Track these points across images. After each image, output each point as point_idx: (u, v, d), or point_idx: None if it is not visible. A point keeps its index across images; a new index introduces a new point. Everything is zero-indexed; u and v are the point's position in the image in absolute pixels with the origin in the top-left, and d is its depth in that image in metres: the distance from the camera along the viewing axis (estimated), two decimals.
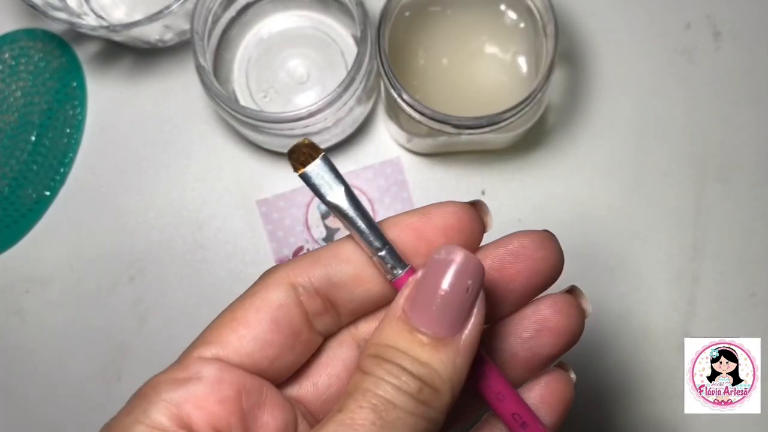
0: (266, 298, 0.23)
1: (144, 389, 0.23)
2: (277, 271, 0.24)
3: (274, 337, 0.23)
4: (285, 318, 0.23)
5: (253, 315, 0.23)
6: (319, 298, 0.24)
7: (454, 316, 0.21)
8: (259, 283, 0.24)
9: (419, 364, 0.21)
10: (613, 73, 0.44)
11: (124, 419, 0.22)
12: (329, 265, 0.24)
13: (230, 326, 0.23)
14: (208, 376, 0.22)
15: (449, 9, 0.40)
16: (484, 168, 0.43)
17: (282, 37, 0.43)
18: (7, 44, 0.45)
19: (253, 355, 0.23)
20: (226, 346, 0.23)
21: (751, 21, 0.44)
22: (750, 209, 0.42)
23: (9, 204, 0.44)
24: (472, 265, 0.22)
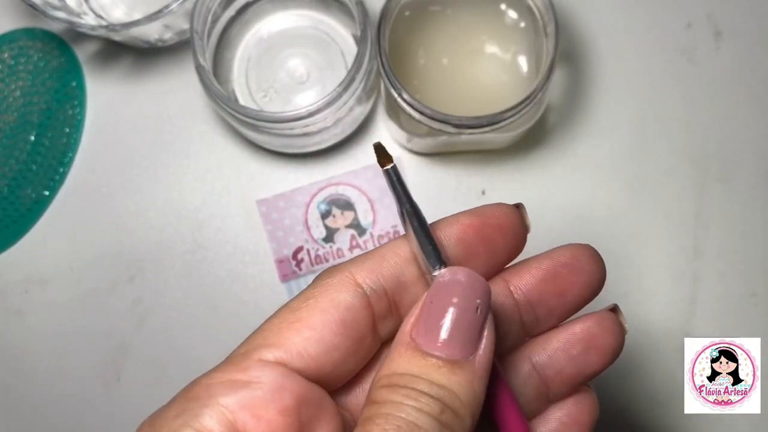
0: (333, 299, 0.22)
1: (195, 389, 0.21)
2: (341, 271, 0.23)
3: (341, 341, 0.22)
4: (353, 320, 0.22)
5: (319, 317, 0.22)
6: (386, 299, 0.23)
7: (466, 338, 0.21)
8: (323, 283, 0.22)
9: (437, 387, 0.20)
10: (613, 73, 0.44)
11: (173, 421, 0.20)
12: (396, 265, 0.23)
13: (294, 327, 0.21)
14: (269, 382, 0.20)
15: (449, 8, 0.40)
16: (484, 168, 0.43)
17: (282, 37, 0.43)
18: (6, 44, 0.45)
19: (318, 359, 0.21)
20: (289, 349, 0.21)
21: (752, 21, 0.44)
22: (750, 209, 0.42)
23: (8, 204, 0.44)
24: (478, 284, 0.21)
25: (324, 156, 0.43)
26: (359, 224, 0.42)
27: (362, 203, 0.42)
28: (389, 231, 0.42)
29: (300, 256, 0.42)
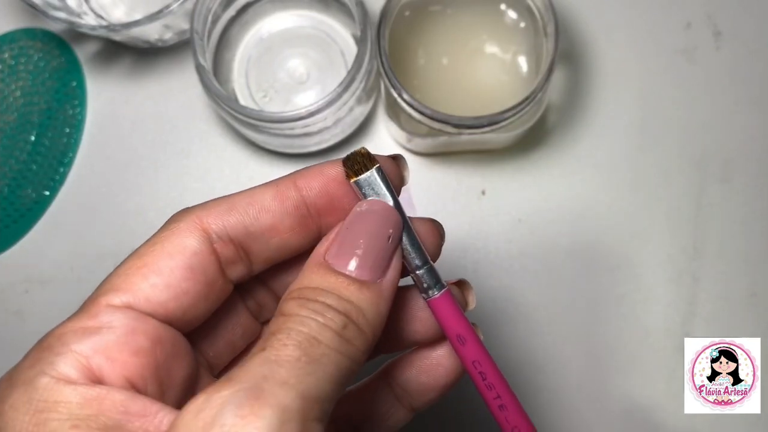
0: (179, 243, 0.22)
1: (48, 340, 0.21)
2: (188, 215, 0.23)
3: (189, 286, 0.22)
4: (200, 266, 0.22)
5: (166, 261, 0.22)
6: (233, 246, 0.23)
7: (376, 262, 0.22)
8: (170, 228, 0.23)
9: (345, 301, 0.21)
10: (613, 73, 0.44)
11: (27, 372, 0.20)
12: (246, 214, 0.23)
13: (141, 273, 0.22)
14: (121, 326, 0.21)
15: (449, 8, 0.40)
16: (484, 168, 0.43)
17: (282, 37, 0.43)
18: (6, 44, 0.45)
19: (166, 304, 0.22)
20: (137, 293, 0.21)
21: (752, 21, 0.44)
22: (750, 209, 0.42)
23: (8, 204, 0.44)
24: (392, 216, 0.23)
25: (324, 156, 0.43)
26: None
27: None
28: None
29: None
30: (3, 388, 0.20)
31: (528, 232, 0.42)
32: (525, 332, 0.41)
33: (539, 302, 0.41)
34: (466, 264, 0.41)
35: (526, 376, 0.41)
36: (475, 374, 0.24)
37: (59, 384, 0.19)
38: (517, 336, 0.41)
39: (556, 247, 0.42)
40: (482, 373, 0.24)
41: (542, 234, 0.42)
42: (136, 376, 0.20)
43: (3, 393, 0.20)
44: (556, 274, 0.42)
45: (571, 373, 0.41)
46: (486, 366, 0.24)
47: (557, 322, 0.41)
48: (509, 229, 0.42)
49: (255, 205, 0.23)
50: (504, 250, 0.42)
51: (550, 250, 0.42)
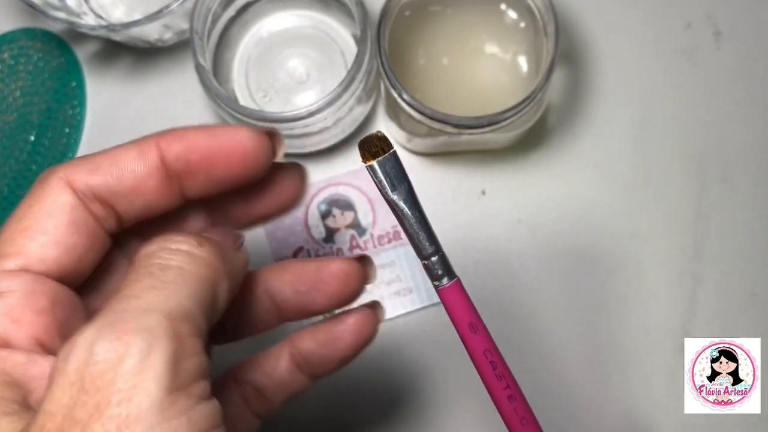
0: (55, 201, 0.22)
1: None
2: (53, 174, 0.23)
3: (76, 240, 0.22)
4: (81, 219, 0.23)
5: (48, 220, 0.22)
6: (99, 203, 0.23)
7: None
8: (40, 188, 0.23)
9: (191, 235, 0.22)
10: (613, 73, 0.44)
11: None
12: (109, 174, 0.23)
13: (26, 235, 0.22)
14: (20, 289, 0.21)
15: (449, 8, 0.40)
16: (484, 168, 0.43)
17: (282, 37, 0.43)
18: (6, 44, 0.45)
19: (58, 261, 0.22)
20: (29, 255, 0.22)
21: (752, 21, 0.44)
22: (750, 209, 0.42)
23: (8, 204, 0.44)
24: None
25: (324, 156, 0.43)
26: (359, 224, 0.42)
27: (362, 203, 0.42)
28: (389, 231, 0.42)
29: (300, 257, 0.42)
30: None
31: (528, 232, 0.42)
32: (525, 332, 0.41)
33: (539, 302, 0.41)
34: (466, 264, 0.41)
35: (526, 376, 0.41)
36: (486, 364, 0.24)
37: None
38: (517, 336, 0.41)
39: (556, 247, 0.42)
40: (493, 362, 0.24)
41: (542, 234, 0.42)
42: (43, 335, 0.21)
43: None
44: (556, 274, 0.42)
45: (571, 372, 0.41)
46: (497, 356, 0.24)
47: (557, 322, 0.41)
48: (509, 229, 0.42)
49: (118, 166, 0.23)
50: (504, 250, 0.42)
51: (550, 250, 0.42)
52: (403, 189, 0.23)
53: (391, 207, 0.24)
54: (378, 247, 0.42)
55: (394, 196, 0.23)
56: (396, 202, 0.23)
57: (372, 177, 0.24)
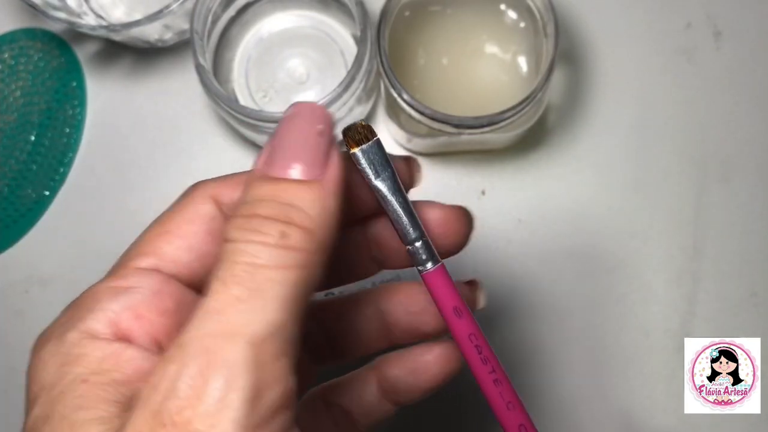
0: (197, 210, 0.23)
1: (80, 299, 0.22)
2: (199, 188, 0.24)
3: (209, 248, 0.23)
4: (217, 230, 0.23)
5: (187, 227, 0.23)
6: None
7: (311, 159, 0.21)
8: (184, 199, 0.24)
9: (284, 205, 0.20)
10: (613, 73, 0.44)
11: (60, 327, 0.21)
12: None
13: (165, 238, 0.23)
14: (148, 287, 0.22)
15: (449, 8, 0.40)
16: (484, 168, 0.43)
17: (282, 37, 0.43)
18: (6, 44, 0.45)
19: (190, 265, 0.22)
20: (162, 257, 0.22)
21: (752, 21, 0.44)
22: (750, 209, 0.42)
23: (8, 204, 0.44)
24: (319, 111, 0.22)
25: None
26: None
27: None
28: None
29: None
30: (39, 341, 0.21)
31: (528, 232, 0.42)
32: (525, 332, 0.41)
33: (539, 302, 0.41)
34: (465, 264, 0.41)
35: (526, 376, 0.41)
36: (471, 348, 0.24)
37: (85, 339, 0.20)
38: (517, 336, 0.41)
39: (556, 247, 0.42)
40: (478, 346, 0.24)
41: (542, 234, 0.42)
42: (162, 336, 0.21)
43: (38, 345, 0.21)
44: (556, 274, 0.42)
45: (571, 372, 0.41)
46: (481, 339, 0.24)
47: (557, 321, 0.41)
48: (509, 229, 0.42)
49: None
50: (504, 250, 0.42)
51: (550, 250, 0.42)
52: (387, 176, 0.24)
53: (375, 194, 0.24)
54: None
55: (378, 183, 0.24)
56: (380, 188, 0.24)
57: (356, 164, 0.24)
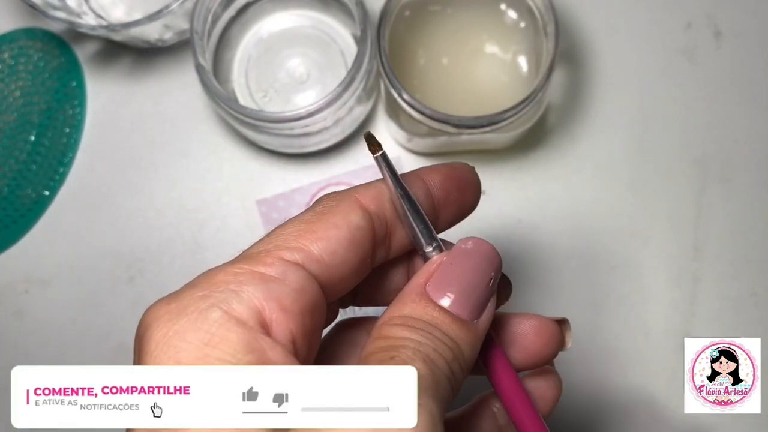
0: (345, 217, 0.22)
1: (220, 275, 0.20)
2: (348, 195, 0.23)
3: (351, 257, 0.22)
4: (361, 240, 0.22)
5: (333, 231, 0.22)
6: (386, 227, 0.24)
7: (476, 303, 0.22)
8: (331, 204, 0.23)
9: (449, 338, 0.21)
10: (613, 73, 0.44)
11: (199, 302, 0.19)
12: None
13: (309, 237, 0.22)
14: (294, 281, 0.20)
15: (449, 8, 0.40)
16: (484, 168, 0.43)
17: (282, 37, 0.43)
18: (6, 44, 0.45)
19: (330, 270, 0.22)
20: (309, 254, 0.21)
21: (752, 21, 0.44)
22: (750, 209, 0.42)
23: (8, 204, 0.44)
24: (497, 259, 0.23)
25: (324, 156, 0.43)
26: None
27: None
28: None
29: None
30: (170, 312, 0.20)
31: (528, 232, 0.42)
32: None
33: (539, 302, 0.41)
34: None
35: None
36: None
37: (230, 321, 0.19)
38: None
39: (556, 247, 0.42)
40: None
41: (542, 234, 0.42)
42: (299, 335, 0.20)
43: (170, 316, 0.19)
44: (557, 274, 0.42)
45: (571, 372, 0.41)
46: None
47: None
48: (509, 229, 0.42)
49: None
50: (504, 250, 0.42)
51: (551, 250, 0.42)
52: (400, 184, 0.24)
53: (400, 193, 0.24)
54: None
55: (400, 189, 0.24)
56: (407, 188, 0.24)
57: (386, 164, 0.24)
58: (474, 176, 0.26)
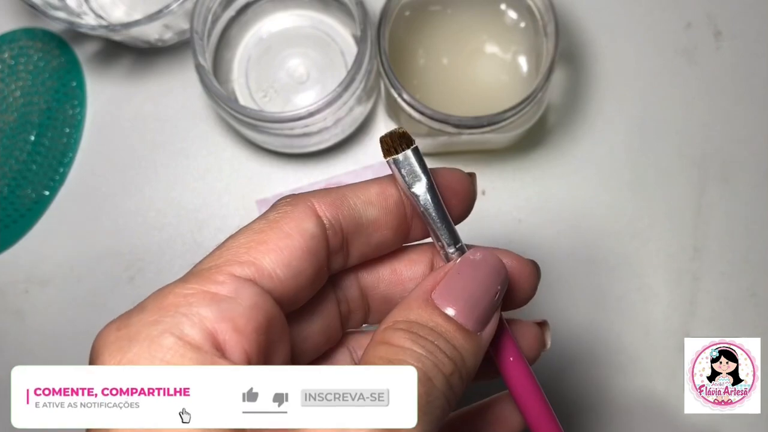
0: (298, 226, 0.22)
1: (170, 298, 0.20)
2: (303, 200, 0.23)
3: (306, 268, 0.22)
4: (315, 249, 0.22)
5: (286, 241, 0.21)
6: (341, 235, 0.23)
7: (481, 314, 0.22)
8: (283, 210, 0.22)
9: (453, 347, 0.21)
10: (613, 73, 0.44)
11: (150, 328, 0.19)
12: (357, 205, 0.23)
13: (261, 249, 0.21)
14: (246, 298, 0.20)
15: (449, 8, 0.40)
16: (484, 168, 0.43)
17: (282, 37, 0.43)
18: (6, 44, 0.45)
19: (284, 282, 0.21)
20: (261, 268, 0.21)
21: (752, 21, 0.44)
22: (750, 209, 0.42)
23: (8, 204, 0.44)
24: (504, 272, 0.23)
25: (324, 156, 0.43)
26: None
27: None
28: None
29: None
30: (120, 339, 0.19)
31: (528, 232, 0.42)
32: None
33: (539, 302, 0.41)
34: None
35: None
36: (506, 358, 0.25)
37: (185, 348, 0.19)
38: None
39: (556, 247, 0.42)
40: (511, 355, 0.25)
41: (542, 234, 0.42)
42: (254, 354, 0.20)
43: (121, 344, 0.19)
44: (557, 274, 0.42)
45: (571, 372, 0.41)
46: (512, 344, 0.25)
47: (557, 321, 0.41)
48: (509, 229, 0.42)
49: (362, 198, 0.24)
50: None
51: (551, 250, 0.42)
52: (423, 184, 0.24)
53: (411, 201, 0.24)
54: None
55: (415, 190, 0.24)
56: (417, 195, 0.24)
57: (393, 171, 0.24)
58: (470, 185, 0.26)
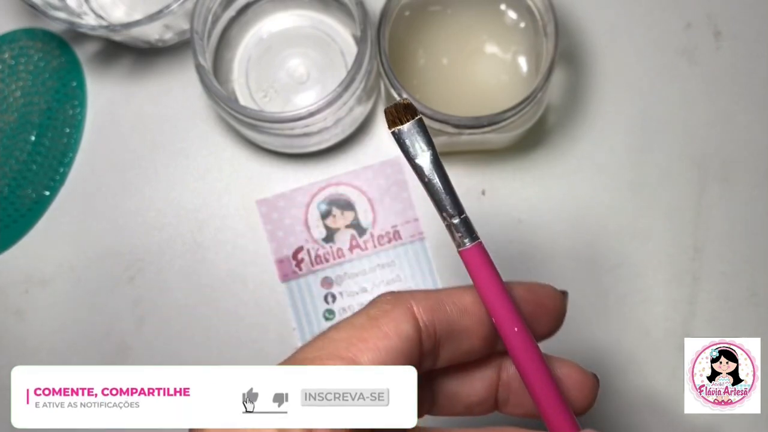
0: (397, 326, 0.23)
1: None
2: (402, 300, 0.23)
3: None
4: (409, 351, 0.23)
5: (384, 341, 0.22)
6: (434, 339, 0.24)
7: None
8: (385, 308, 0.23)
9: None
10: (613, 73, 0.44)
11: None
12: (453, 312, 0.24)
13: (361, 347, 0.22)
14: None
15: (449, 8, 0.40)
16: (484, 168, 0.43)
17: (282, 37, 0.43)
18: (6, 44, 0.45)
19: None
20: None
21: (752, 21, 0.44)
22: (750, 209, 0.42)
23: (8, 204, 0.44)
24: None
25: (324, 156, 0.43)
26: (359, 224, 0.42)
27: (362, 203, 0.42)
28: (389, 231, 0.42)
29: (300, 256, 0.42)
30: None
31: (528, 232, 0.42)
32: None
33: None
34: None
35: None
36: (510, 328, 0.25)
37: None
38: None
39: (556, 247, 0.42)
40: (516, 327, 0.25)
41: (542, 234, 0.42)
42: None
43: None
44: (557, 274, 0.42)
45: None
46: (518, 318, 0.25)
47: None
48: (509, 229, 0.42)
49: (458, 306, 0.24)
50: (504, 250, 0.42)
51: (551, 250, 0.42)
52: (428, 154, 0.24)
53: (416, 172, 0.24)
54: (378, 246, 0.42)
55: (419, 161, 0.24)
56: (420, 166, 0.24)
57: (396, 142, 0.24)
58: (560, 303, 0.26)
